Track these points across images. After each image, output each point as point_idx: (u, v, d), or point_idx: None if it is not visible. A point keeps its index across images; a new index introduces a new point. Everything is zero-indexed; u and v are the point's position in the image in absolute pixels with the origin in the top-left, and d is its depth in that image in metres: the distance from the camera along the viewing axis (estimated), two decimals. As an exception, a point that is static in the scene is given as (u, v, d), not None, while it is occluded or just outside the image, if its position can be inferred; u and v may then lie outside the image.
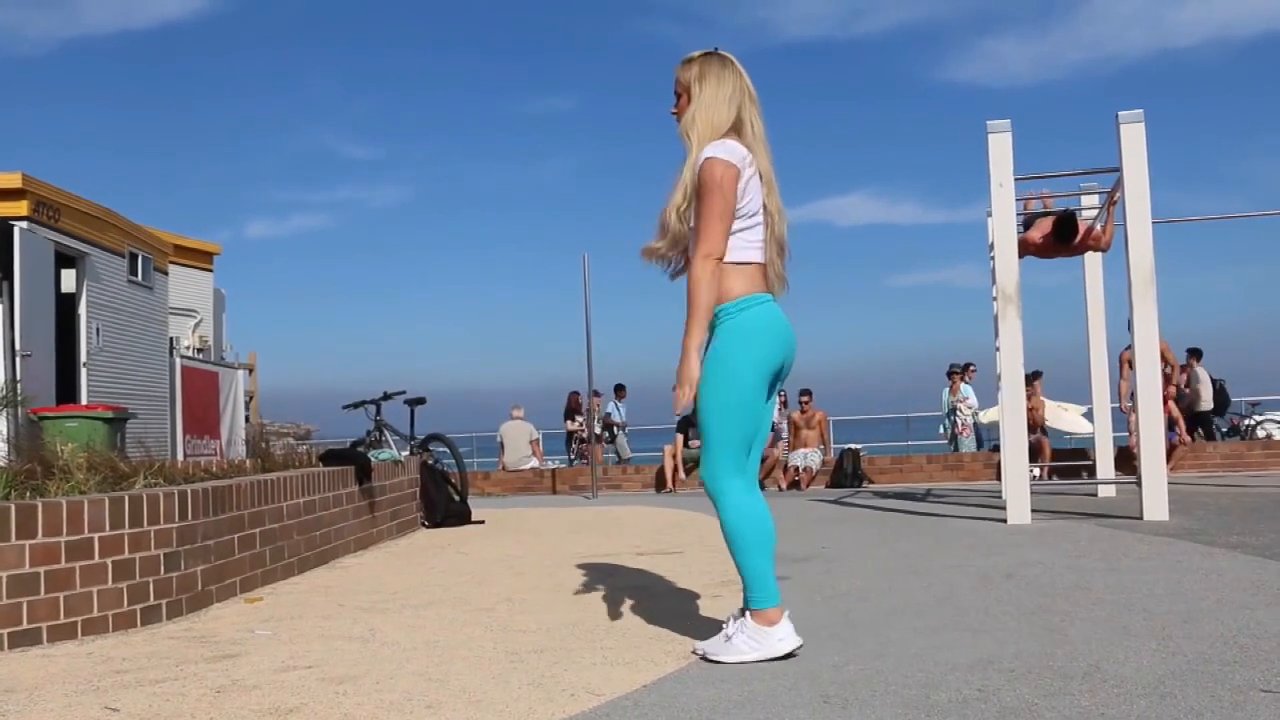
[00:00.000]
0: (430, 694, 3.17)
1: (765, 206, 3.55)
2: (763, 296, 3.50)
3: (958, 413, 16.61)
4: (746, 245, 3.50)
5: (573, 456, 18.21)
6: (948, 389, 16.84)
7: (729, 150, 3.48)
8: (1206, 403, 16.00)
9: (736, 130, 3.56)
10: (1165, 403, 12.02)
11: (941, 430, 17.39)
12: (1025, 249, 8.79)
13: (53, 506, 4.17)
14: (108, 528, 4.33)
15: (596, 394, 15.73)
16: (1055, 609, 4.21)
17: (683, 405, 3.43)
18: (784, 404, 15.40)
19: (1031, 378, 14.54)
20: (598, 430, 16.26)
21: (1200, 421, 15.89)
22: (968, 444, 16.51)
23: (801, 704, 2.91)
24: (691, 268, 3.43)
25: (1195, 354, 16.19)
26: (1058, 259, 9.38)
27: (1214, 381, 16.25)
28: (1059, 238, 8.78)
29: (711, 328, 3.47)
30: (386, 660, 3.67)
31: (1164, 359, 12.30)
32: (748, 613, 3.46)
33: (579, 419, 16.17)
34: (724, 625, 3.56)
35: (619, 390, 18.38)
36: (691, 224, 3.51)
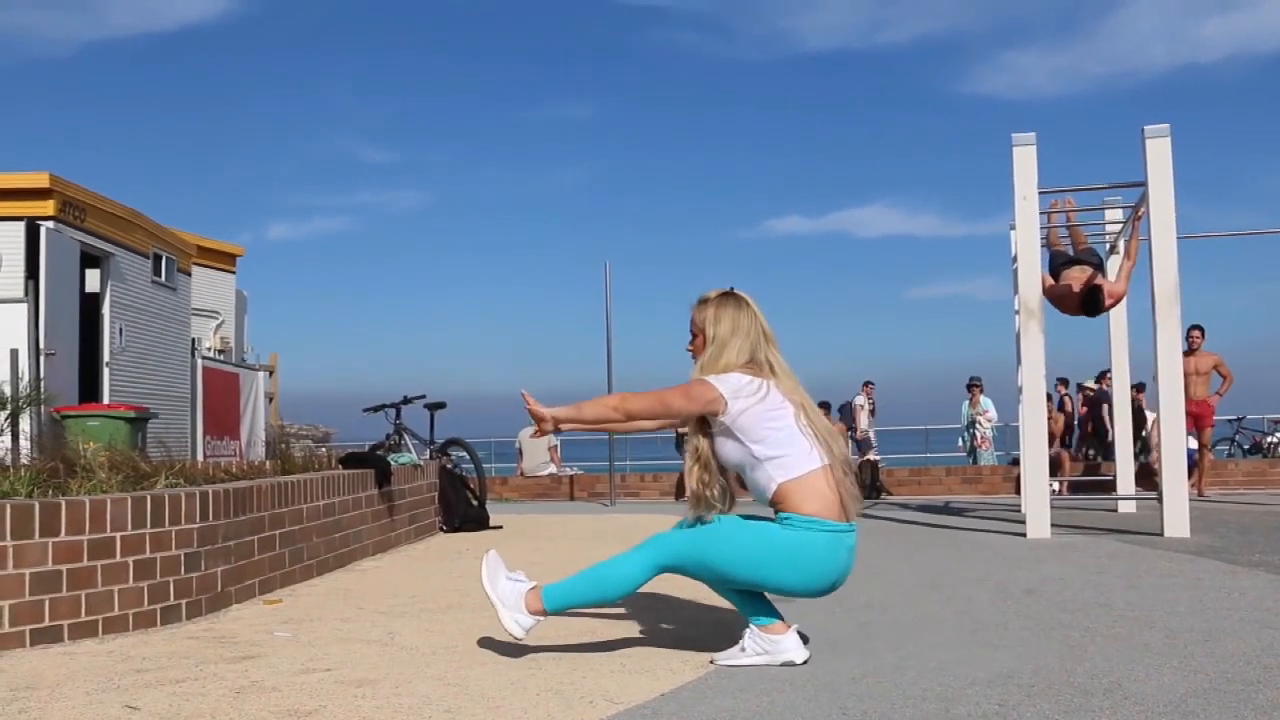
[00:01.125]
0: (449, 699, 3.17)
1: (805, 430, 3.51)
2: (837, 526, 3.45)
3: (977, 425, 16.54)
4: (800, 459, 3.46)
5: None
6: (967, 401, 16.78)
7: (723, 381, 3.54)
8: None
9: (755, 370, 3.59)
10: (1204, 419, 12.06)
11: (961, 443, 17.32)
12: (1046, 294, 8.63)
13: (76, 505, 4.19)
14: (130, 527, 4.35)
15: None
16: (1075, 625, 4.19)
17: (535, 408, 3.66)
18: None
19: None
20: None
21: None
22: (987, 457, 16.44)
23: (820, 716, 2.90)
24: (606, 397, 3.71)
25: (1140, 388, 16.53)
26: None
27: (1133, 403, 16.49)
28: (1087, 311, 8.64)
29: (779, 517, 3.45)
30: (405, 664, 3.68)
31: (1221, 373, 12.29)
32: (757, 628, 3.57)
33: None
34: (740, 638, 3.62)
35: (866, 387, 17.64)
36: (734, 461, 3.53)
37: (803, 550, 3.41)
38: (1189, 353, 12.25)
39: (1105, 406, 14.37)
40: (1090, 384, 16.12)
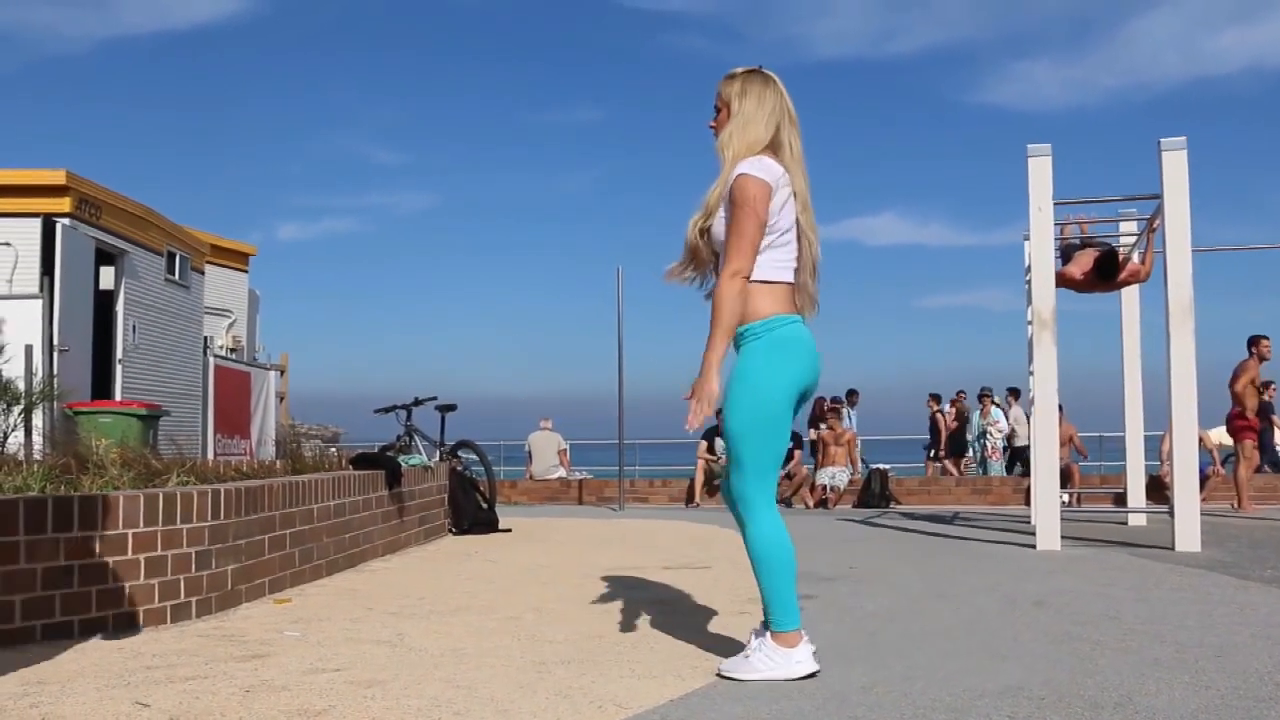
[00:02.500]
0: (458, 701, 3.17)
1: (799, 226, 3.54)
2: (792, 317, 3.49)
3: (988, 435, 16.52)
4: (777, 265, 3.48)
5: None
6: (978, 411, 16.75)
7: (764, 168, 3.46)
8: (1023, 439, 16.72)
9: (774, 149, 3.54)
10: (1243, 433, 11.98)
11: (971, 453, 17.30)
12: (1062, 282, 8.71)
13: (88, 501, 4.21)
14: (142, 524, 4.36)
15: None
16: (1085, 638, 4.18)
17: (697, 422, 3.38)
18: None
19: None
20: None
21: (1019, 457, 16.68)
22: (997, 467, 16.42)
23: (829, 725, 2.90)
24: (718, 283, 3.41)
25: (1014, 393, 17.07)
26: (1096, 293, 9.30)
27: (1028, 418, 16.86)
28: (1101, 275, 8.71)
29: (736, 346, 3.45)
30: (414, 666, 3.68)
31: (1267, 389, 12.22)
32: (769, 633, 3.46)
33: (824, 427, 15.78)
34: (746, 644, 3.55)
35: (851, 396, 17.65)
36: (720, 238, 3.48)
37: (787, 343, 3.43)
38: (1262, 360, 12.13)
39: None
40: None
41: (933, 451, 17.87)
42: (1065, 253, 9.23)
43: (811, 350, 3.51)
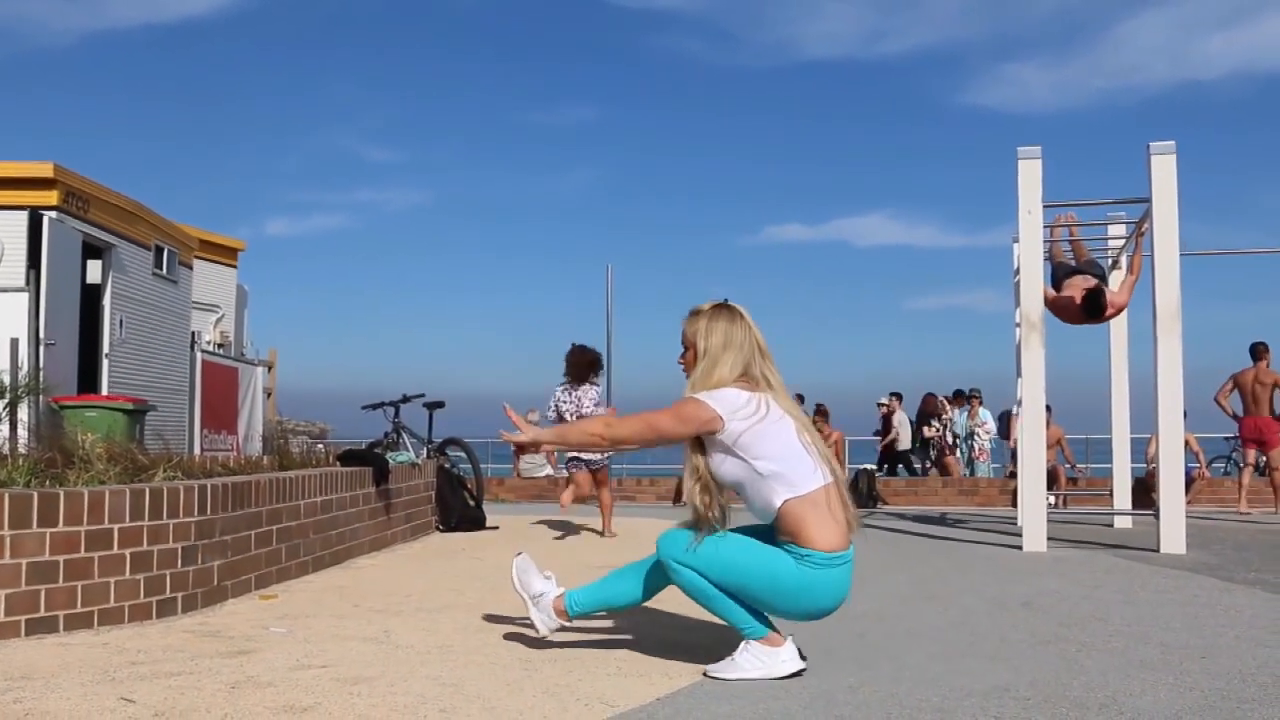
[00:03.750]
0: (444, 698, 3.17)
1: (805, 445, 3.45)
2: (841, 557, 3.39)
3: (975, 437, 16.55)
4: (805, 475, 3.39)
5: (928, 465, 17.02)
6: (966, 413, 16.78)
7: (716, 398, 3.43)
8: (905, 443, 17.24)
9: (748, 384, 3.51)
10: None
11: (959, 454, 17.32)
12: (1047, 303, 8.65)
13: (74, 496, 4.19)
14: (128, 519, 4.34)
15: (958, 396, 16.11)
16: (1071, 639, 4.19)
17: (510, 436, 3.70)
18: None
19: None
20: (949, 439, 16.09)
21: (900, 460, 17.17)
22: (984, 469, 16.44)
23: (816, 724, 2.90)
24: (592, 421, 3.66)
25: (897, 396, 17.56)
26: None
27: (911, 423, 17.43)
28: (1088, 313, 8.66)
29: (796, 552, 3.37)
30: (401, 663, 3.68)
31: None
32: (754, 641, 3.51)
33: (935, 424, 15.71)
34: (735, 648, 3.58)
35: (960, 397, 17.35)
36: (731, 480, 3.46)
37: (817, 583, 3.36)
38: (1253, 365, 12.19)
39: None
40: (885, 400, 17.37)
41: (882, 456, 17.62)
42: (1055, 272, 9.15)
43: (842, 591, 3.45)
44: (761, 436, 3.39)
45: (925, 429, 16.75)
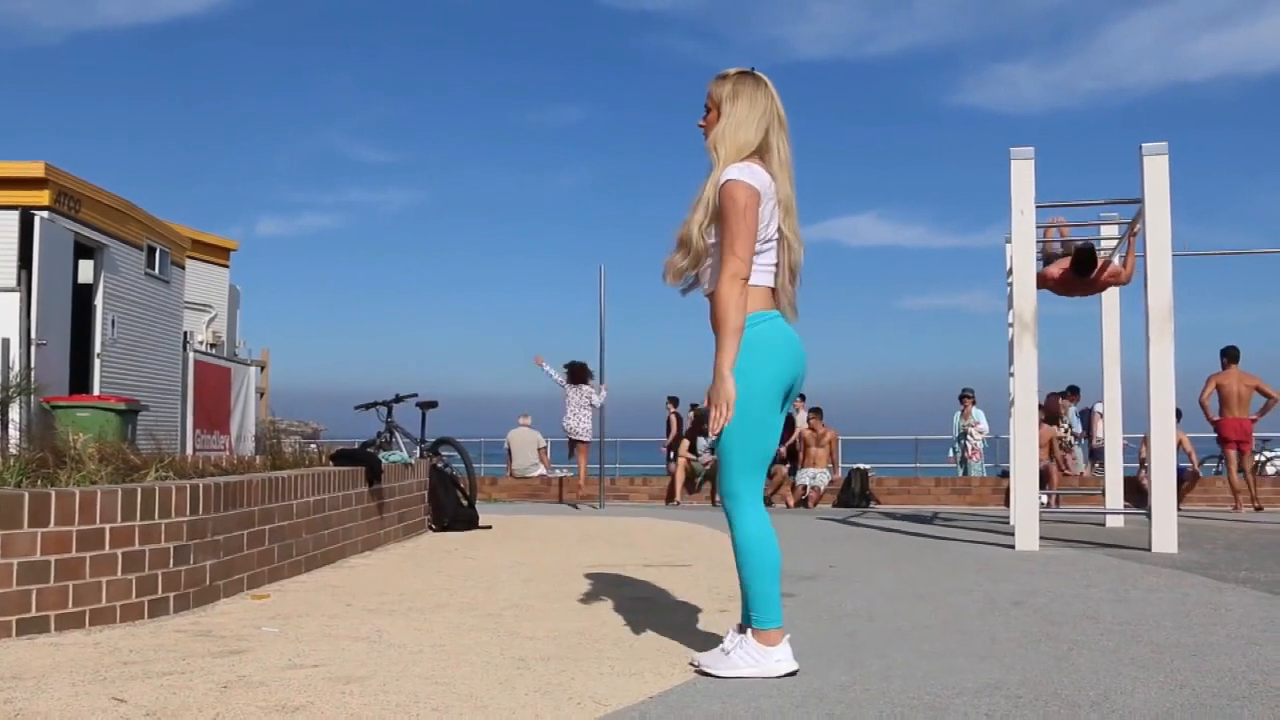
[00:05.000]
0: (437, 698, 3.17)
1: (782, 232, 3.54)
2: (770, 314, 3.50)
3: (968, 436, 16.56)
4: (758, 269, 3.49)
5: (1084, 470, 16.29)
6: (959, 412, 16.80)
7: (752, 174, 3.46)
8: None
9: (762, 152, 3.54)
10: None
11: (951, 454, 17.34)
12: (1043, 283, 8.77)
13: (66, 496, 4.18)
14: (119, 519, 4.34)
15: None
16: (1062, 637, 4.20)
17: (718, 428, 3.40)
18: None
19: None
20: (1069, 438, 15.95)
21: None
22: (977, 468, 16.46)
23: (808, 722, 2.90)
24: (720, 288, 3.40)
25: (801, 398, 17.29)
26: (1075, 297, 9.34)
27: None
28: (1078, 271, 8.76)
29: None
30: (393, 662, 3.68)
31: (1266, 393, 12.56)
32: (749, 630, 3.47)
33: (1061, 424, 15.57)
34: (724, 640, 3.57)
35: (1073, 393, 16.72)
36: (712, 240, 3.49)
37: (768, 340, 3.44)
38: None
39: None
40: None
41: (671, 453, 17.55)
42: (1047, 259, 9.30)
43: (793, 345, 3.52)
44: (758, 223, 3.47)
45: (1054, 428, 16.52)
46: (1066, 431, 16.02)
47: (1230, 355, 12.65)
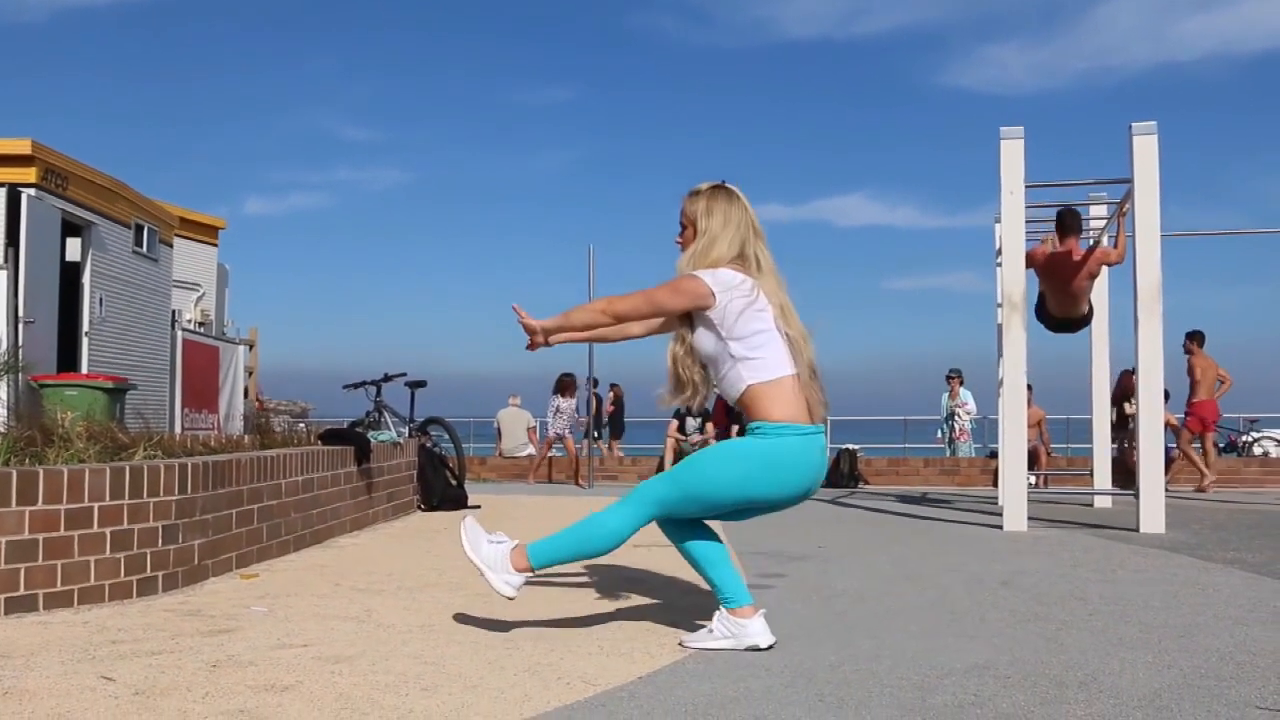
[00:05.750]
0: (426, 677, 3.17)
1: (784, 333, 3.54)
2: (807, 428, 3.48)
3: (956, 417, 16.60)
4: (761, 363, 3.49)
5: (1126, 443, 16.47)
6: (947, 393, 16.84)
7: (715, 276, 3.52)
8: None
9: (741, 264, 3.60)
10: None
11: (940, 434, 17.39)
12: (1031, 262, 8.74)
13: (54, 474, 4.17)
14: (108, 497, 4.32)
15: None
16: (1051, 617, 4.21)
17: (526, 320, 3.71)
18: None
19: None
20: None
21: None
22: (965, 449, 16.51)
23: (797, 702, 2.91)
24: (594, 300, 3.65)
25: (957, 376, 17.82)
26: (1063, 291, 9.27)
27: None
28: (1064, 228, 8.75)
29: (750, 428, 3.50)
30: (382, 641, 3.67)
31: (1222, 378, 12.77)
32: (726, 610, 3.60)
33: (1133, 402, 15.36)
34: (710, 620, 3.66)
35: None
36: (708, 351, 3.56)
37: (780, 455, 3.43)
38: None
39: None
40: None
41: (597, 433, 17.58)
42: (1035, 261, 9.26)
43: (812, 471, 3.51)
44: (743, 320, 3.49)
45: (1125, 405, 16.45)
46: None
47: (1200, 339, 12.82)
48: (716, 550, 3.68)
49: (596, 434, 16.00)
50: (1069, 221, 8.80)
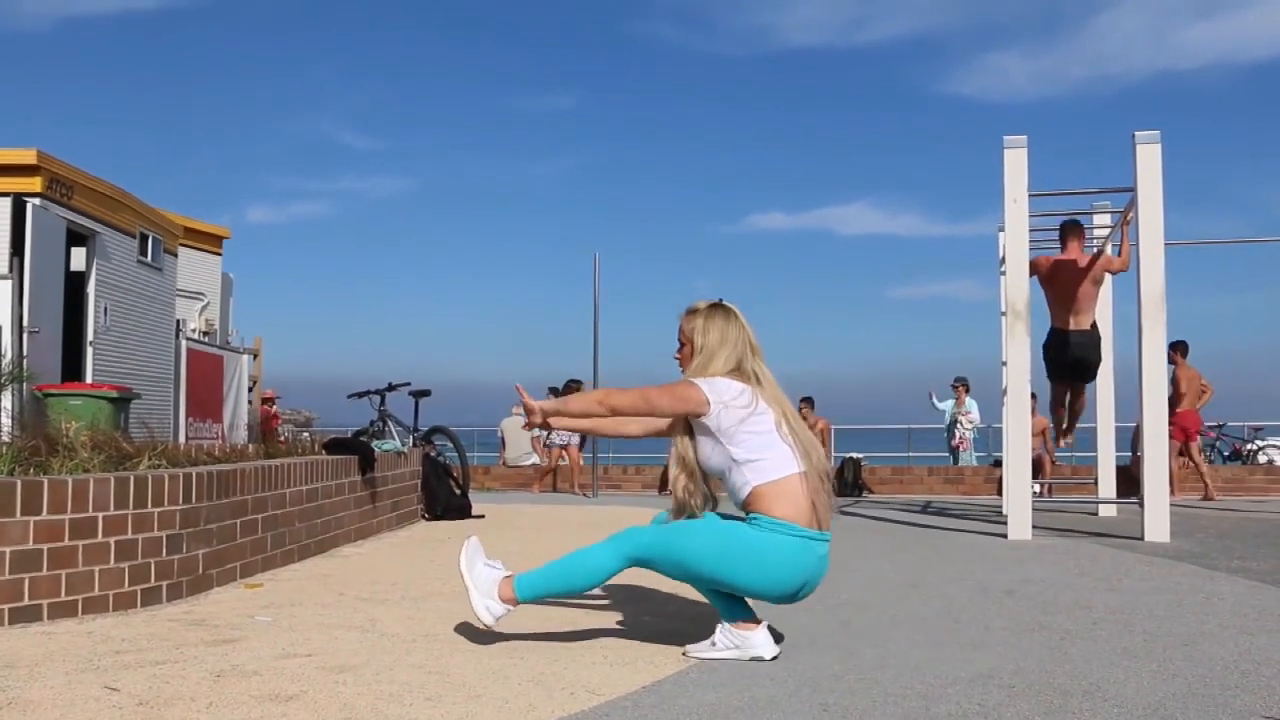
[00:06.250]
0: (430, 686, 3.17)
1: (787, 437, 3.54)
2: (811, 534, 3.47)
3: (958, 425, 16.58)
4: (766, 463, 3.49)
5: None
6: (953, 400, 16.81)
7: (711, 385, 3.56)
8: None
9: (739, 378, 3.62)
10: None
11: (949, 436, 17.26)
12: (1034, 270, 8.73)
13: (58, 484, 4.17)
14: (112, 507, 4.33)
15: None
16: (1055, 626, 4.21)
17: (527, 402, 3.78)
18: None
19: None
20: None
21: None
22: (966, 458, 16.49)
23: (802, 711, 2.91)
24: (593, 391, 3.71)
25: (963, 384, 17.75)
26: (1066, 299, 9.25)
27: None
28: (1066, 235, 8.77)
29: (749, 517, 3.50)
30: (386, 651, 3.68)
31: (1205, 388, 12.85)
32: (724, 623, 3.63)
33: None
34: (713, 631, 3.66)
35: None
36: (714, 465, 3.58)
37: (769, 551, 3.43)
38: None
39: None
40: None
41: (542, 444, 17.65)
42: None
43: (803, 569, 3.48)
44: (743, 426, 3.51)
45: None
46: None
47: (1184, 349, 12.87)
48: (579, 588, 3.70)
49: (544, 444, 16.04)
50: (1071, 227, 8.82)
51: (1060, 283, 8.88)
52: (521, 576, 3.66)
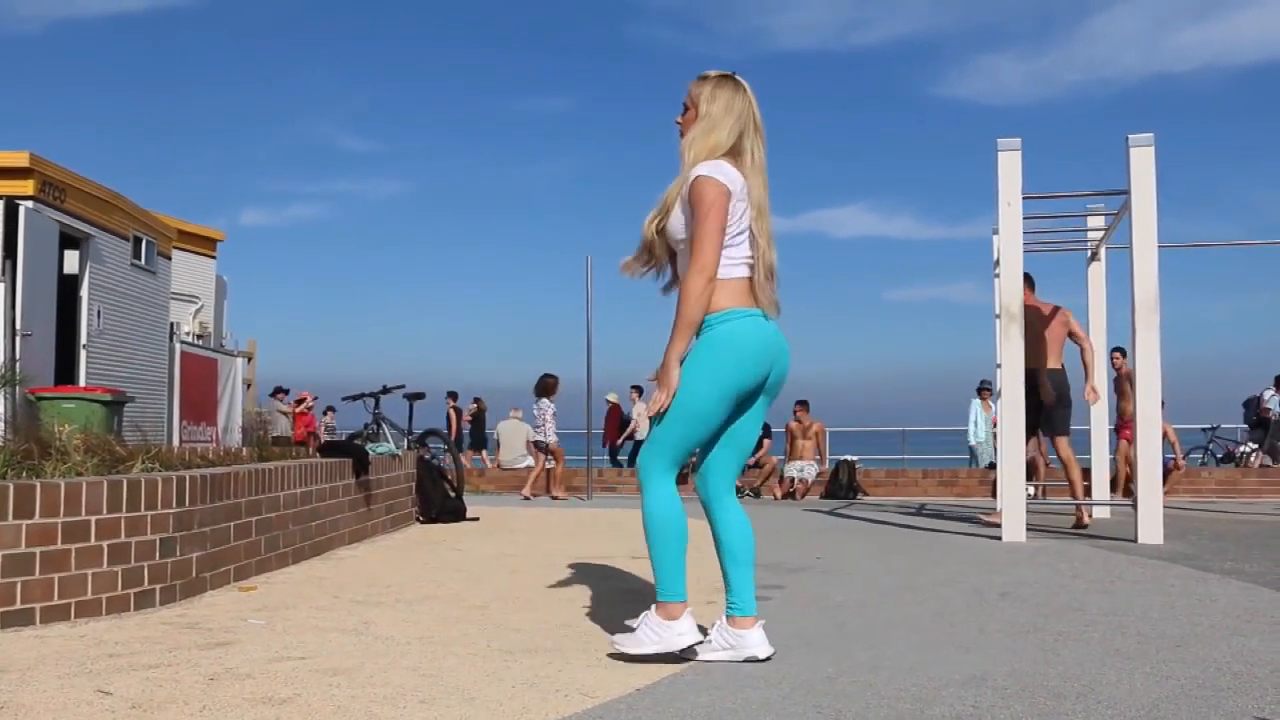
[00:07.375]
0: (424, 689, 3.16)
1: (752, 233, 3.57)
2: (749, 310, 3.53)
3: (978, 426, 16.53)
4: (730, 262, 3.53)
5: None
6: (978, 402, 16.67)
7: (721, 171, 3.52)
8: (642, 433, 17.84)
9: (735, 155, 3.60)
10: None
11: (974, 440, 17.09)
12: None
13: (51, 487, 4.17)
14: (105, 510, 4.32)
15: None
16: (1049, 629, 4.21)
17: (654, 410, 3.53)
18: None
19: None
20: None
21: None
22: (984, 456, 16.37)
23: (796, 714, 2.91)
24: (685, 280, 3.48)
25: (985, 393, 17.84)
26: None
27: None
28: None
29: (698, 334, 3.52)
30: (380, 654, 3.67)
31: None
32: (654, 605, 3.57)
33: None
34: (639, 617, 3.64)
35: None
36: (680, 237, 3.55)
37: (732, 339, 3.46)
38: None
39: None
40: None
41: (457, 445, 17.71)
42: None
43: (765, 344, 3.53)
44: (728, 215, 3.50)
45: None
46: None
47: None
48: (744, 544, 3.63)
49: (457, 446, 16.09)
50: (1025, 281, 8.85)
51: (1029, 322, 8.89)
52: (657, 589, 3.56)
